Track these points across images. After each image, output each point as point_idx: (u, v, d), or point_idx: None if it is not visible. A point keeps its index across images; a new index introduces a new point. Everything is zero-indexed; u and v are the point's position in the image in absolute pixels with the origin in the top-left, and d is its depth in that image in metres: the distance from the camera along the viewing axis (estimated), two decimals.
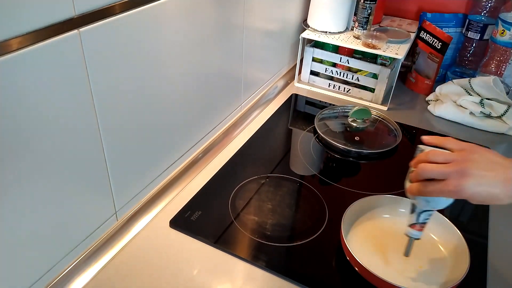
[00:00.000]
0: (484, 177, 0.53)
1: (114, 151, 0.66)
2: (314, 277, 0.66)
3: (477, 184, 0.53)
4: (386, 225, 0.74)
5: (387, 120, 1.06)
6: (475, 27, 1.18)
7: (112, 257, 0.68)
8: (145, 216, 0.76)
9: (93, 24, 0.54)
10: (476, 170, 0.54)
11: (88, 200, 0.64)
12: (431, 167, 0.56)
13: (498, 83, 1.05)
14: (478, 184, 0.53)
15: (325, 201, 0.81)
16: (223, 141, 0.98)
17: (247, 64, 1.01)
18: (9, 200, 0.51)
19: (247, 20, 0.93)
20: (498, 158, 0.56)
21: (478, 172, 0.53)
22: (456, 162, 0.55)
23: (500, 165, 0.54)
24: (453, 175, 0.54)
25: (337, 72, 1.18)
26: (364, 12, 1.11)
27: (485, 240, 0.75)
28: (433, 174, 0.56)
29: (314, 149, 0.98)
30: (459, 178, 0.54)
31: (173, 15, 0.69)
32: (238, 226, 0.74)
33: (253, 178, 0.86)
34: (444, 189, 0.55)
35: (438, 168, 0.56)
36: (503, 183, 0.53)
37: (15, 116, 0.48)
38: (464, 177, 0.54)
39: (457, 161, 0.55)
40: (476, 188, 0.53)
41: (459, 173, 0.54)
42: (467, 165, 0.54)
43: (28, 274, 0.58)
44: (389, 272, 0.66)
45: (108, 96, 0.61)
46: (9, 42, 0.45)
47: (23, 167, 0.51)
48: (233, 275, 0.67)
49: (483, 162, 0.55)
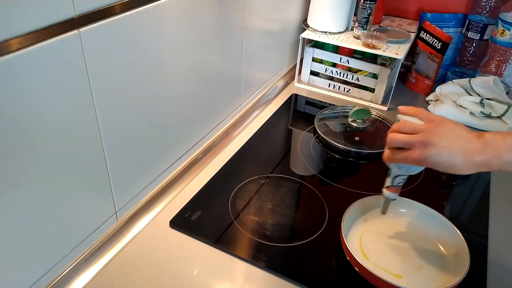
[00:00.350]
0: (445, 148, 0.57)
1: (114, 151, 0.66)
2: (314, 277, 0.66)
3: (439, 154, 0.57)
4: (386, 225, 0.74)
5: (387, 120, 1.06)
6: (475, 27, 1.18)
7: (112, 257, 0.68)
8: (145, 216, 0.76)
9: (93, 24, 0.54)
10: (439, 141, 0.57)
11: (88, 200, 0.64)
12: (399, 137, 0.61)
13: (498, 83, 1.05)
14: (439, 154, 0.57)
15: (325, 201, 0.81)
16: (223, 141, 0.98)
17: (247, 64, 1.01)
18: (9, 200, 0.51)
19: (247, 20, 0.93)
20: (464, 132, 0.59)
21: (441, 143, 0.57)
22: (422, 133, 0.59)
23: (463, 138, 0.58)
24: (418, 145, 0.58)
25: (337, 72, 1.18)
26: (364, 12, 1.11)
27: (485, 240, 0.75)
28: (399, 143, 0.61)
29: (314, 149, 0.98)
30: (422, 148, 0.58)
31: (173, 15, 0.69)
32: (238, 226, 0.74)
33: (253, 178, 0.86)
34: (409, 157, 0.59)
35: (404, 138, 0.60)
36: (463, 155, 0.57)
37: (15, 116, 0.48)
38: (427, 147, 0.57)
39: (424, 132, 0.59)
40: (438, 158, 0.57)
41: (423, 143, 0.58)
42: (432, 136, 0.58)
43: (28, 274, 0.58)
44: (389, 272, 0.66)
45: (108, 96, 0.61)
46: (9, 42, 0.45)
47: (23, 167, 0.51)
48: (233, 275, 0.67)
49: (448, 135, 0.58)
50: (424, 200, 0.75)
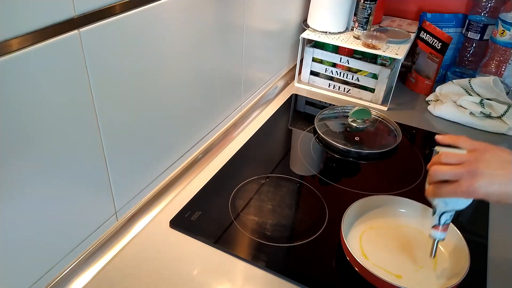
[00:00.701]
0: (495, 176, 0.54)
1: (114, 151, 0.66)
2: (314, 277, 0.66)
3: (489, 183, 0.54)
4: (386, 225, 0.74)
5: (387, 120, 1.06)
6: (475, 27, 1.18)
7: (112, 257, 0.68)
8: (145, 216, 0.76)
9: (93, 24, 0.54)
10: (488, 170, 0.54)
11: (88, 200, 0.64)
12: (443, 169, 0.57)
13: (498, 83, 1.05)
14: (490, 183, 0.54)
15: (325, 201, 0.81)
16: (223, 141, 0.98)
17: (247, 64, 1.01)
18: (9, 201, 0.51)
19: (247, 20, 0.93)
20: (511, 157, 0.56)
21: (490, 172, 0.54)
22: (468, 162, 0.56)
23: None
24: (465, 176, 0.55)
25: (337, 72, 1.18)
26: (364, 12, 1.11)
27: (485, 240, 0.75)
28: (445, 175, 0.57)
29: (314, 149, 0.98)
30: (471, 179, 0.54)
31: (173, 15, 0.69)
32: (238, 226, 0.74)
33: (253, 178, 0.86)
34: (457, 190, 0.56)
35: (450, 169, 0.56)
36: None
37: (15, 116, 0.48)
38: (476, 177, 0.54)
39: (469, 161, 0.56)
40: (489, 188, 0.54)
41: (470, 174, 0.55)
42: (479, 165, 0.55)
43: (28, 274, 0.58)
44: (389, 272, 0.66)
45: (108, 96, 0.61)
46: (9, 42, 0.45)
47: (23, 167, 0.51)
48: (233, 275, 0.67)
49: (495, 162, 0.55)
50: (424, 200, 0.75)
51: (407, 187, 0.85)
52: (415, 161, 0.95)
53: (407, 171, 0.92)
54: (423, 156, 0.97)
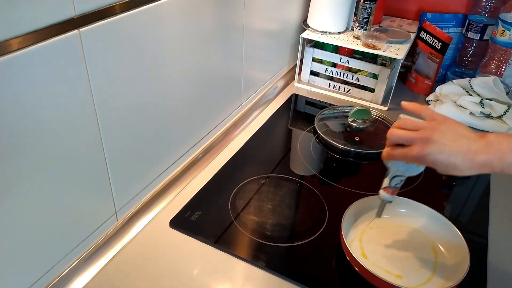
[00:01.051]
0: (446, 146, 0.55)
1: (114, 151, 0.66)
2: (314, 277, 0.66)
3: (439, 152, 0.55)
4: (386, 225, 0.74)
5: (387, 120, 1.06)
6: (475, 27, 1.18)
7: (112, 257, 0.68)
8: (145, 216, 0.76)
9: (93, 24, 0.54)
10: (441, 139, 0.56)
11: (88, 200, 0.64)
12: (399, 133, 0.59)
13: (498, 83, 1.05)
14: (439, 152, 0.55)
15: (325, 201, 0.81)
16: (223, 141, 0.98)
17: (247, 64, 1.01)
18: (9, 200, 0.51)
19: (247, 20, 0.93)
20: (467, 131, 0.57)
21: (442, 141, 0.55)
22: (423, 130, 0.57)
23: (466, 137, 0.56)
24: (418, 142, 0.57)
25: (337, 72, 1.18)
26: (364, 12, 1.11)
27: (485, 240, 0.75)
28: (400, 139, 0.59)
29: (314, 149, 0.98)
30: (423, 145, 0.56)
31: (173, 15, 0.69)
32: (238, 226, 0.74)
33: (253, 178, 0.86)
34: (408, 153, 0.58)
35: (405, 133, 0.59)
36: (464, 154, 0.55)
37: (15, 116, 0.48)
38: (428, 144, 0.56)
39: (425, 129, 0.57)
40: (438, 156, 0.55)
41: (423, 140, 0.56)
42: (433, 133, 0.56)
43: (28, 274, 0.58)
44: (389, 272, 0.66)
45: (108, 96, 0.61)
46: (9, 42, 0.45)
47: (23, 167, 0.51)
48: (233, 275, 0.67)
49: (450, 133, 0.56)
50: (424, 200, 0.75)
51: (407, 187, 0.85)
52: None
53: None
54: None
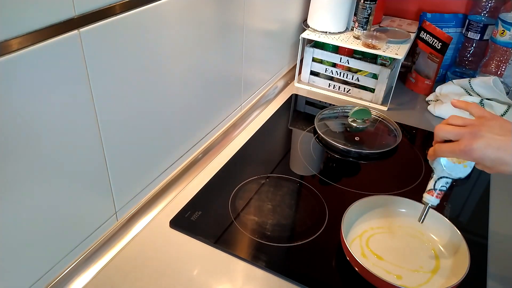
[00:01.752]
0: (494, 140, 0.55)
1: (114, 151, 0.66)
2: (314, 277, 0.66)
3: (487, 145, 0.55)
4: (386, 225, 0.74)
5: (387, 120, 1.06)
6: (475, 27, 1.18)
7: (112, 257, 0.68)
8: (145, 216, 0.76)
9: (93, 24, 0.54)
10: (488, 134, 0.56)
11: (88, 200, 0.64)
12: (447, 128, 0.59)
13: (498, 83, 1.05)
14: (487, 145, 0.55)
15: (325, 201, 0.81)
16: (223, 141, 0.98)
17: (247, 64, 1.01)
18: (9, 200, 0.51)
19: (247, 20, 0.93)
20: None
21: (490, 135, 0.55)
22: (471, 125, 0.58)
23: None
24: (466, 136, 0.57)
25: (337, 72, 1.18)
26: (364, 12, 1.11)
27: (485, 240, 0.75)
28: (448, 134, 0.59)
29: (314, 149, 0.98)
30: (471, 139, 0.56)
31: (173, 15, 0.69)
32: (238, 226, 0.74)
33: (253, 178, 0.86)
34: (456, 148, 0.57)
35: (452, 128, 0.58)
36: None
37: (15, 116, 0.48)
38: (476, 138, 0.56)
39: (473, 124, 0.58)
40: (485, 150, 0.55)
41: (471, 134, 0.56)
42: (481, 128, 0.56)
43: (28, 274, 0.58)
44: (389, 272, 0.66)
45: (108, 96, 0.61)
46: (9, 42, 0.45)
47: (23, 167, 0.51)
48: (233, 275, 0.67)
49: (498, 128, 0.56)
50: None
51: (407, 187, 0.86)
52: (415, 161, 0.95)
53: (407, 171, 0.92)
54: (423, 156, 0.97)
